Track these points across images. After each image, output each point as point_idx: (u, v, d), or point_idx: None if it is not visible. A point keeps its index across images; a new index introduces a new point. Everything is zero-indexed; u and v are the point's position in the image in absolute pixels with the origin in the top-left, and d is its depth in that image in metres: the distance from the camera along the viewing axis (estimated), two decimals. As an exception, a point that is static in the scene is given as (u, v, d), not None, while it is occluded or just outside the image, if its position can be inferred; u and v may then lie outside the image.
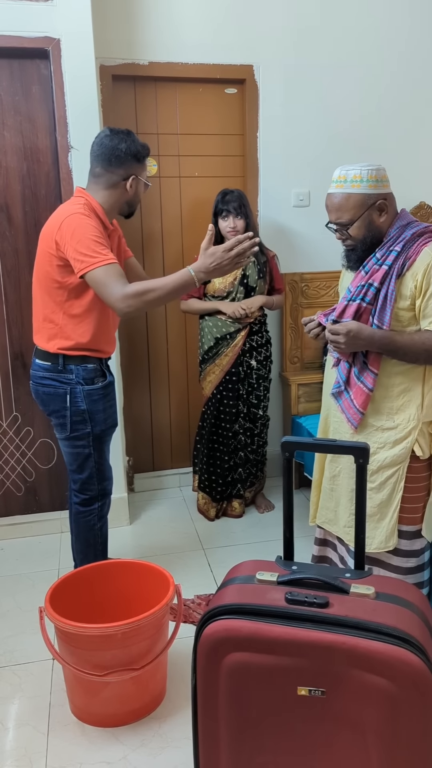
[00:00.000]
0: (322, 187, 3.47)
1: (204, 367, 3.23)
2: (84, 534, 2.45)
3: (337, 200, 1.94)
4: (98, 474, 2.39)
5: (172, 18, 3.19)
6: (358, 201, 1.91)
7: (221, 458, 3.23)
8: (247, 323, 3.13)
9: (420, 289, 1.86)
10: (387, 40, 3.46)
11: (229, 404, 3.18)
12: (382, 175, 1.93)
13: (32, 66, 2.82)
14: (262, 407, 3.27)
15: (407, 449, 1.95)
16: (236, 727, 1.29)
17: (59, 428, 2.33)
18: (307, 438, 1.49)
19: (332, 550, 2.24)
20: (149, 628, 1.88)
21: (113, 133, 2.20)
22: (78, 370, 2.25)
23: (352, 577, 1.35)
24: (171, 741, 1.88)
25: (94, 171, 2.23)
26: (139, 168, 2.24)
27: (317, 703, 1.23)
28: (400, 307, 1.90)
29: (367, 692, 1.18)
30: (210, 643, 1.26)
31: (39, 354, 2.30)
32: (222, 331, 3.13)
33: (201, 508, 3.35)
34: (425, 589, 2.08)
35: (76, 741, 1.90)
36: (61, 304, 2.21)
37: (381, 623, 1.19)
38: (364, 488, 1.40)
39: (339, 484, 2.10)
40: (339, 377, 2.04)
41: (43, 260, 2.20)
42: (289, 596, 1.26)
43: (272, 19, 3.30)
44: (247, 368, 3.17)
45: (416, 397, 1.94)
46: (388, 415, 1.97)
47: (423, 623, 1.25)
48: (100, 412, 2.32)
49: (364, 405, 1.97)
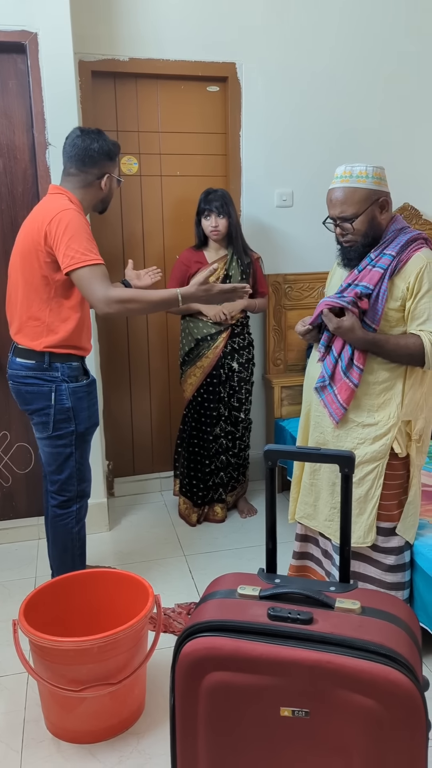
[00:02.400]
0: (305, 187, 3.46)
1: (185, 369, 3.17)
2: (61, 538, 2.39)
3: (343, 194, 1.96)
4: (78, 474, 2.35)
5: (154, 14, 3.13)
6: (364, 195, 1.95)
7: (202, 462, 3.18)
8: (229, 325, 3.07)
9: (411, 292, 1.93)
10: (370, 40, 3.44)
11: (210, 407, 3.12)
12: (383, 175, 2.00)
13: (9, 60, 2.75)
14: (244, 410, 3.21)
15: (387, 446, 2.00)
16: (217, 749, 1.23)
17: (41, 427, 2.29)
18: (290, 447, 1.44)
19: (314, 546, 2.26)
20: (127, 642, 1.82)
21: (84, 134, 2.24)
22: (63, 368, 2.25)
23: (337, 590, 1.30)
24: (150, 757, 1.82)
25: (69, 171, 2.25)
26: (112, 166, 2.29)
27: (301, 725, 1.17)
28: (390, 307, 1.96)
29: (352, 713, 1.12)
30: (189, 661, 1.20)
31: (20, 353, 2.27)
32: (203, 333, 3.08)
33: (182, 513, 3.29)
34: (406, 590, 2.09)
35: (51, 759, 1.83)
36: (48, 301, 2.20)
37: (367, 640, 1.14)
38: (349, 498, 1.36)
39: (319, 479, 2.14)
40: (324, 372, 2.07)
41: (29, 256, 2.17)
42: (271, 612, 1.21)
43: (255, 16, 3.25)
44: (228, 370, 3.12)
45: (397, 395, 1.99)
46: (369, 412, 2.01)
47: (410, 639, 1.20)
48: (85, 410, 2.30)
49: (347, 400, 2.01)
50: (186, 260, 3.09)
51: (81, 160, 2.21)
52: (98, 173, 2.24)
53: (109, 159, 2.25)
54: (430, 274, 1.91)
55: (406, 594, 2.10)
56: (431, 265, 1.92)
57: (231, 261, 3.05)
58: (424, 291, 1.91)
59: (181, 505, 3.30)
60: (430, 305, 1.92)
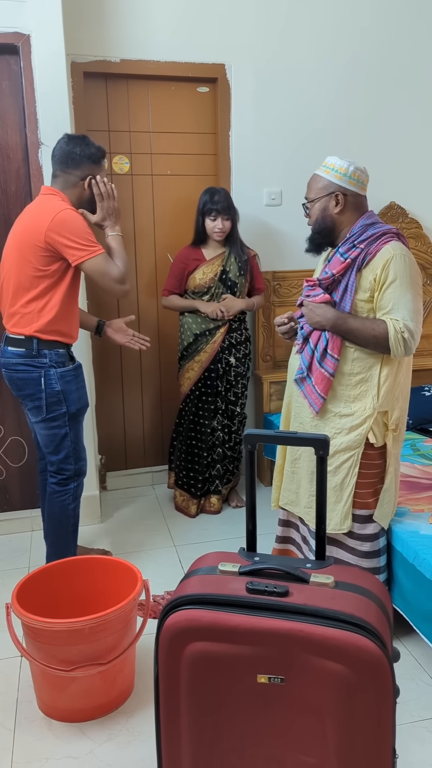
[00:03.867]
0: (293, 186, 3.53)
1: (183, 363, 3.23)
2: (57, 514, 2.53)
3: (311, 179, 2.13)
4: (74, 454, 2.51)
5: (144, 16, 3.19)
6: (322, 185, 2.08)
7: (199, 455, 3.24)
8: (226, 320, 3.14)
9: (378, 283, 1.98)
10: (359, 41, 3.51)
11: (207, 401, 3.19)
12: (356, 175, 2.05)
13: (2, 62, 2.81)
14: (240, 404, 3.28)
15: (362, 436, 2.06)
16: (197, 716, 1.30)
17: (35, 411, 2.44)
18: (269, 431, 1.51)
19: (295, 531, 2.33)
20: (116, 623, 1.88)
21: (70, 139, 2.40)
22: (51, 354, 2.40)
23: (313, 567, 1.37)
24: (138, 735, 1.89)
25: (55, 173, 2.43)
26: (95, 169, 2.43)
27: (277, 691, 1.24)
28: (359, 299, 2.02)
29: (324, 678, 1.19)
30: (171, 632, 1.27)
31: (11, 341, 2.42)
32: (201, 328, 3.14)
33: (179, 505, 3.35)
34: (382, 575, 2.15)
35: (43, 736, 1.89)
36: (40, 291, 2.34)
37: (338, 611, 1.20)
38: (324, 479, 1.42)
39: (300, 467, 2.20)
40: (302, 363, 2.14)
41: (25, 251, 2.32)
42: (249, 586, 1.27)
43: (244, 18, 3.32)
44: (225, 365, 3.19)
45: (373, 387, 2.05)
46: (346, 403, 2.08)
47: (380, 611, 1.27)
48: (74, 392, 2.46)
49: (325, 390, 2.07)
50: (184, 258, 3.15)
51: (64, 162, 2.38)
52: (81, 174, 2.39)
53: (92, 162, 2.40)
54: (396, 265, 1.95)
55: (382, 579, 2.16)
56: (398, 257, 1.96)
57: (228, 258, 3.11)
58: (389, 281, 1.95)
59: (177, 498, 3.36)
60: (395, 295, 1.95)
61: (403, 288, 1.95)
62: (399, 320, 1.94)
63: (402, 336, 1.93)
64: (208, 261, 3.12)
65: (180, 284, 3.17)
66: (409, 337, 1.93)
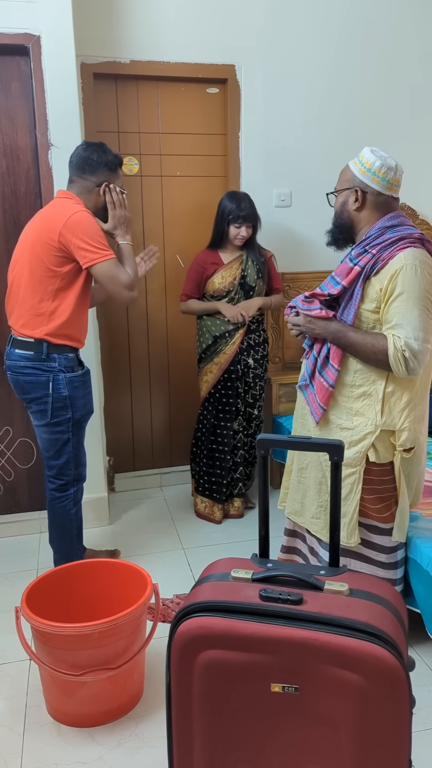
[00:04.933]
0: (303, 187, 3.52)
1: (202, 366, 3.21)
2: (60, 519, 2.52)
3: (343, 169, 2.02)
4: (75, 459, 2.48)
5: (154, 17, 3.18)
6: (347, 177, 1.98)
7: (223, 458, 3.20)
8: (246, 322, 3.12)
9: (384, 294, 1.84)
10: (369, 41, 3.49)
11: (228, 402, 3.17)
12: (381, 172, 1.90)
13: (12, 63, 2.80)
14: (258, 407, 3.26)
15: (361, 454, 1.93)
16: (210, 725, 1.29)
17: (39, 415, 2.42)
18: (282, 436, 1.49)
19: (301, 542, 2.25)
20: (126, 628, 1.87)
21: (87, 146, 2.42)
22: (60, 358, 2.38)
23: (327, 574, 1.35)
24: (148, 740, 1.87)
25: (72, 178, 2.43)
26: (111, 176, 2.43)
27: (291, 700, 1.23)
28: (365, 308, 1.90)
29: (339, 688, 1.18)
30: (184, 640, 1.25)
31: (19, 344, 2.39)
32: (221, 330, 3.12)
33: (202, 512, 3.29)
34: (398, 587, 2.10)
35: (52, 741, 1.88)
36: (52, 293, 2.33)
37: (354, 619, 1.19)
38: (338, 485, 1.41)
39: (307, 477, 2.12)
40: (305, 370, 2.08)
41: (39, 252, 2.31)
42: (263, 593, 1.26)
43: (254, 19, 3.31)
44: (244, 366, 3.17)
45: (376, 402, 1.92)
46: (348, 415, 1.97)
47: (396, 619, 1.25)
48: (81, 398, 2.44)
49: (324, 400, 1.98)
50: (202, 262, 3.13)
51: (81, 168, 2.38)
52: (96, 181, 2.39)
53: (108, 169, 2.40)
54: (405, 277, 1.80)
55: (399, 590, 2.11)
56: (409, 267, 1.80)
57: (246, 261, 3.09)
58: (396, 294, 1.81)
59: (198, 505, 3.31)
60: (400, 310, 1.81)
61: (410, 303, 1.80)
62: (401, 338, 1.80)
63: (402, 355, 1.79)
64: (226, 265, 3.09)
65: (198, 288, 3.14)
66: (410, 357, 1.78)
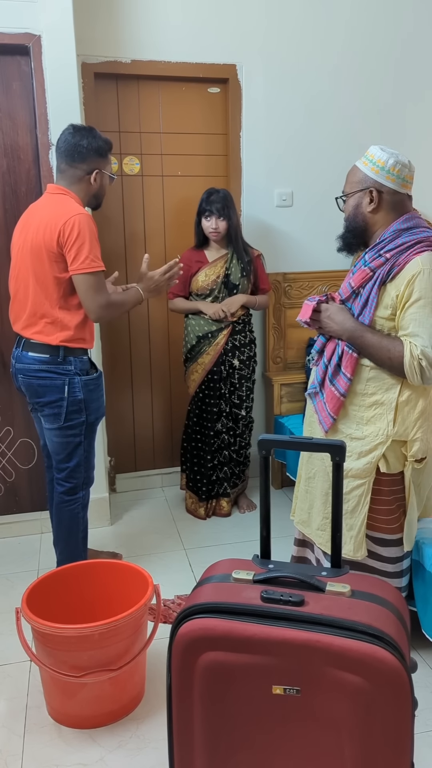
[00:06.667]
0: (304, 187, 3.51)
1: (188, 366, 3.22)
2: (67, 523, 2.49)
3: (350, 170, 1.94)
4: (86, 462, 2.46)
5: (155, 16, 3.18)
6: (358, 178, 1.90)
7: (204, 457, 3.22)
8: (230, 322, 3.12)
9: (401, 300, 1.79)
10: (370, 40, 3.48)
11: (210, 403, 3.17)
12: (395, 170, 1.84)
13: (12, 62, 2.80)
14: (245, 408, 3.26)
15: (372, 465, 1.88)
16: (211, 727, 1.28)
17: (52, 418, 2.37)
18: (283, 436, 1.48)
19: (310, 552, 2.22)
20: (127, 629, 1.86)
21: (75, 130, 2.30)
22: (76, 362, 2.35)
23: (329, 575, 1.35)
24: (149, 742, 1.87)
25: (60, 167, 2.33)
26: (102, 162, 2.34)
27: (292, 702, 1.22)
28: (380, 315, 1.84)
29: (341, 690, 1.17)
30: (185, 642, 1.25)
31: (33, 347, 2.34)
32: (204, 330, 3.12)
33: (189, 507, 3.34)
34: (403, 593, 2.07)
35: (53, 743, 1.88)
36: (59, 300, 2.28)
37: (356, 621, 1.18)
38: (340, 486, 1.40)
39: (314, 486, 2.08)
40: (315, 378, 2.03)
41: (40, 256, 2.25)
42: (264, 594, 1.25)
43: (255, 18, 3.30)
44: (229, 368, 3.17)
45: (388, 411, 1.86)
46: (358, 425, 1.91)
47: (398, 621, 1.24)
48: (95, 401, 2.41)
49: (335, 410, 1.92)
50: (187, 260, 3.13)
51: (70, 156, 2.28)
52: (87, 168, 2.30)
53: (98, 155, 2.31)
54: (422, 283, 1.74)
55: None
56: (427, 273, 1.75)
57: (231, 260, 3.10)
58: (412, 300, 1.76)
59: (187, 500, 3.35)
60: (417, 317, 1.76)
61: (428, 309, 1.75)
62: (417, 346, 1.75)
63: (419, 363, 1.74)
64: (211, 263, 3.10)
65: (184, 287, 3.15)
66: (427, 366, 1.74)
